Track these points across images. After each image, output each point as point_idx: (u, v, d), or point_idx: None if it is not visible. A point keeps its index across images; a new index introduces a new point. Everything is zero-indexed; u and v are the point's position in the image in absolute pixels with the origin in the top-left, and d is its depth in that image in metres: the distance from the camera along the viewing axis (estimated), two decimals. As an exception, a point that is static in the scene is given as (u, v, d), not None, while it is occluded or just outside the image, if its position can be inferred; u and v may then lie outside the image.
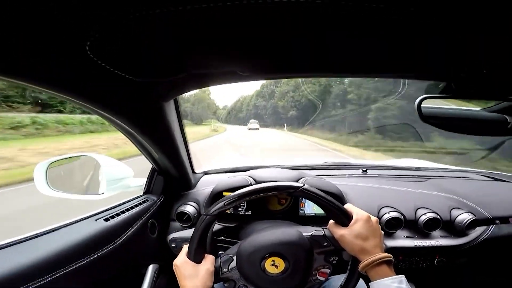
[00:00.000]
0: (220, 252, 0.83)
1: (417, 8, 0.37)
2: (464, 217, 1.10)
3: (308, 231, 0.78)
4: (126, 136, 0.90)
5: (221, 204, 0.74)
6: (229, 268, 0.76)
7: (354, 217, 0.74)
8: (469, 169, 1.65)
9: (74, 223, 0.85)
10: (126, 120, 0.78)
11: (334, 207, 0.74)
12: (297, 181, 1.08)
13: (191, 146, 1.19)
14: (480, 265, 1.28)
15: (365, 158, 8.52)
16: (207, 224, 0.74)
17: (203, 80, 0.74)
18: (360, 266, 0.70)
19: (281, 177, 1.11)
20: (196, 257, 0.75)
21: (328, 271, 0.77)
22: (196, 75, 0.69)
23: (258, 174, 1.15)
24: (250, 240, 0.78)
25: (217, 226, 1.11)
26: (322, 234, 0.77)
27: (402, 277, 0.67)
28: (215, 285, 0.77)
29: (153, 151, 0.99)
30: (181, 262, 0.75)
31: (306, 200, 1.15)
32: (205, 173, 1.45)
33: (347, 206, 0.77)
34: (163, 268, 1.11)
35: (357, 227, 0.72)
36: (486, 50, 0.52)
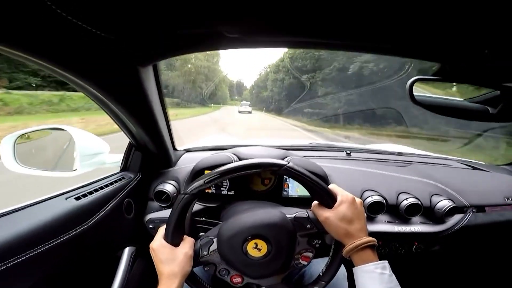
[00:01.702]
0: (201, 234, 0.79)
1: None
2: (444, 203, 1.12)
3: (291, 212, 0.76)
4: (99, 105, 0.83)
5: (200, 182, 0.69)
6: (209, 251, 0.73)
7: (339, 198, 0.71)
8: (449, 156, 1.68)
9: (41, 202, 0.78)
10: (97, 86, 0.70)
11: (319, 187, 0.71)
12: (282, 159, 1.05)
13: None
14: (455, 254, 1.32)
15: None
16: (186, 203, 0.70)
17: (186, 44, 0.67)
18: (345, 250, 0.68)
19: (267, 155, 1.08)
20: (173, 239, 0.71)
21: (311, 255, 0.75)
22: (178, 37, 0.63)
23: (243, 151, 1.11)
24: (231, 222, 0.75)
25: (197, 206, 1.07)
26: (305, 216, 0.74)
27: (385, 263, 0.66)
28: (194, 269, 0.74)
29: (129, 123, 0.92)
30: (158, 245, 0.71)
31: (290, 181, 1.13)
32: (187, 150, 1.40)
33: (331, 187, 0.74)
34: (140, 251, 1.07)
35: (342, 209, 0.70)
36: (495, 26, 0.48)
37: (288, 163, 0.70)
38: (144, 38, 0.62)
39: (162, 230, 0.74)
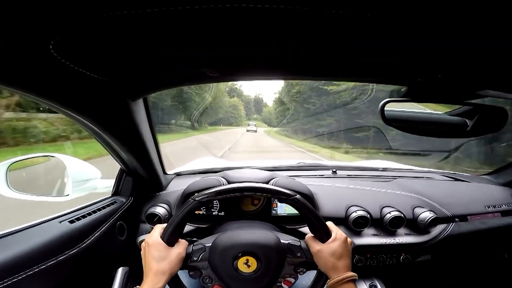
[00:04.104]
0: (194, 239, 0.82)
1: (374, 15, 0.39)
2: (426, 215, 1.16)
3: (286, 239, 0.80)
4: (92, 135, 0.88)
5: (211, 192, 0.74)
6: (200, 257, 0.76)
7: (333, 235, 0.77)
8: (432, 169, 1.73)
9: (36, 225, 0.81)
10: (91, 119, 0.75)
11: (319, 223, 0.76)
12: (268, 181, 1.10)
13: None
14: (440, 263, 1.36)
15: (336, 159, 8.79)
16: (192, 208, 0.74)
17: (172, 80, 0.74)
18: (330, 282, 0.73)
19: (254, 178, 1.12)
20: (170, 239, 0.73)
21: (293, 280, 0.79)
22: (165, 76, 0.69)
23: (231, 174, 1.15)
24: (228, 235, 0.78)
25: (188, 228, 1.10)
26: (298, 244, 0.79)
27: None
28: (178, 273, 0.77)
29: (121, 151, 0.96)
30: (153, 241, 0.73)
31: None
32: (177, 174, 1.43)
33: (329, 224, 0.79)
34: (133, 271, 1.08)
35: (334, 245, 0.75)
36: (441, 55, 0.55)
37: (296, 195, 0.75)
38: (133, 78, 0.69)
39: (159, 228, 0.77)
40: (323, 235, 0.76)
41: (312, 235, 0.79)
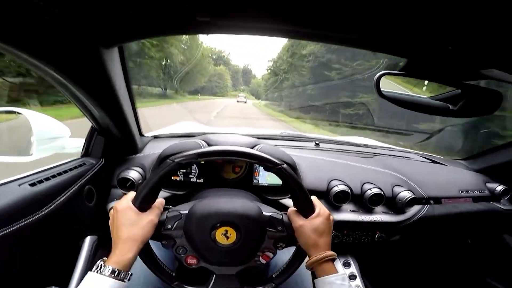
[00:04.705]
0: (169, 206, 0.76)
1: None
2: (404, 194, 1.17)
3: (268, 211, 0.76)
4: (59, 88, 0.78)
5: (192, 154, 0.67)
6: (175, 225, 0.70)
7: (317, 211, 0.73)
8: (410, 150, 1.76)
9: None
10: (55, 67, 0.65)
11: (304, 197, 0.72)
12: (252, 147, 1.04)
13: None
14: (411, 243, 1.40)
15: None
16: (170, 170, 0.67)
17: (155, 26, 0.63)
18: (310, 261, 0.70)
19: (236, 143, 1.08)
20: (142, 204, 0.67)
21: (271, 255, 0.75)
22: (146, 19, 0.59)
23: (213, 138, 1.09)
24: (207, 202, 0.72)
25: (163, 194, 1.05)
26: (280, 218, 0.74)
27: (345, 275, 0.69)
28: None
29: (92, 107, 0.87)
30: (123, 207, 0.67)
31: (261, 170, 1.13)
32: (155, 137, 1.36)
33: (313, 199, 0.76)
34: (102, 240, 1.03)
35: (317, 221, 0.71)
36: (458, 23, 0.50)
37: (283, 164, 0.70)
38: (107, 18, 0.58)
39: (130, 194, 0.70)
40: (306, 209, 0.73)
41: (295, 209, 0.75)
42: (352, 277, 1.21)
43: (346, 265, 1.26)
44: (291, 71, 25.79)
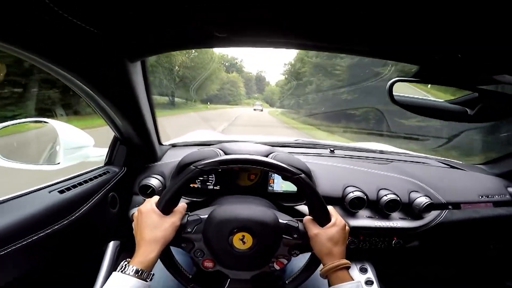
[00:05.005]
0: (188, 213, 0.79)
1: None
2: (421, 200, 1.15)
3: (284, 218, 0.78)
4: (84, 99, 0.83)
5: (215, 161, 0.70)
6: (195, 229, 0.73)
7: (333, 220, 0.75)
8: (428, 155, 1.73)
9: (24, 195, 0.77)
10: (84, 80, 0.70)
11: (321, 206, 0.74)
12: (267, 155, 1.07)
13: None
14: (429, 249, 1.37)
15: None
16: (193, 177, 0.71)
17: (176, 40, 0.68)
18: (324, 269, 0.71)
19: (252, 151, 1.10)
20: (165, 208, 0.70)
21: (285, 262, 0.77)
22: (169, 34, 0.64)
23: (229, 146, 1.12)
24: (225, 208, 0.76)
25: (182, 200, 1.07)
26: (296, 226, 0.76)
27: (359, 283, 0.70)
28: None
29: (115, 117, 0.92)
30: (148, 209, 0.70)
31: (275, 177, 1.15)
32: (173, 145, 1.40)
33: (329, 208, 0.77)
34: (124, 245, 1.07)
35: (332, 230, 0.73)
36: (465, 31, 0.51)
37: (301, 174, 0.72)
38: (133, 34, 0.63)
39: (154, 198, 0.74)
40: (323, 218, 0.74)
41: (311, 217, 0.76)
42: (368, 282, 1.20)
43: (363, 270, 1.24)
44: (316, 73, 23.59)
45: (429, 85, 0.85)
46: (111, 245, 1.02)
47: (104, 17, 0.55)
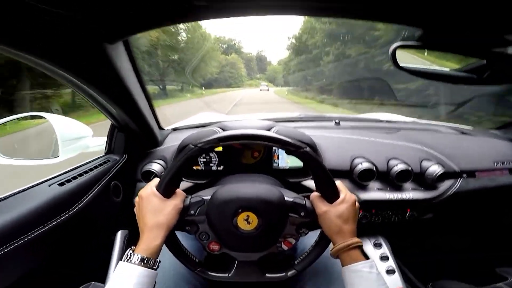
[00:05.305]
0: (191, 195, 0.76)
1: None
2: (434, 169, 1.11)
3: (290, 196, 0.74)
4: (74, 89, 0.79)
5: (214, 138, 0.66)
6: (198, 211, 0.70)
7: (342, 196, 0.70)
8: (437, 122, 1.68)
9: (23, 191, 0.76)
10: (65, 68, 0.66)
11: (328, 181, 0.69)
12: (268, 130, 1.02)
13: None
14: (445, 221, 1.33)
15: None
16: (192, 156, 0.66)
17: (152, 17, 0.62)
18: (335, 248, 0.67)
19: (252, 126, 1.06)
20: (166, 190, 0.67)
21: (294, 241, 0.73)
22: (144, 10, 0.58)
23: (228, 124, 1.09)
24: (228, 188, 0.72)
25: (186, 184, 1.06)
26: (303, 203, 0.72)
27: (373, 262, 0.66)
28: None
29: (107, 104, 0.88)
30: (148, 193, 0.67)
31: (280, 152, 1.11)
32: (174, 129, 1.37)
33: (337, 183, 0.72)
34: (133, 234, 1.06)
35: (342, 207, 0.68)
36: None
37: (306, 147, 0.67)
38: (106, 14, 0.58)
39: (154, 181, 0.70)
40: (331, 194, 0.70)
41: (319, 194, 0.72)
42: (384, 258, 1.16)
43: (377, 246, 1.21)
44: (332, 42, 21.07)
45: (434, 55, 0.80)
46: (119, 235, 1.00)
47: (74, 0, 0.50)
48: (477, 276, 1.35)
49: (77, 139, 1.06)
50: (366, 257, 0.68)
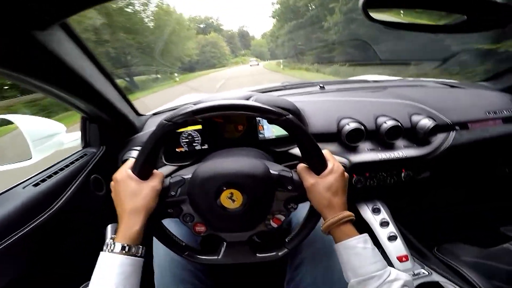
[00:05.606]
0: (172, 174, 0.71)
1: None
2: (425, 122, 1.08)
3: (276, 169, 0.69)
4: (19, 83, 0.70)
5: (188, 111, 0.60)
6: (179, 192, 0.65)
7: (330, 166, 0.65)
8: (425, 79, 1.66)
9: None
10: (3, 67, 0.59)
11: (314, 150, 0.64)
12: (247, 100, 0.97)
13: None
14: (442, 178, 1.31)
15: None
16: (166, 132, 0.61)
17: None
18: (326, 224, 0.63)
19: (229, 98, 0.99)
20: (142, 172, 0.62)
21: (283, 218, 0.69)
22: None
23: (205, 99, 1.01)
24: (209, 165, 0.67)
25: (169, 168, 1.01)
26: (290, 176, 0.67)
27: (366, 236, 0.62)
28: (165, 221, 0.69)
29: (66, 96, 0.80)
30: (123, 176, 0.62)
31: (265, 123, 1.07)
32: (155, 114, 1.31)
33: (325, 152, 0.67)
34: None
35: (330, 178, 0.64)
36: None
37: (288, 115, 0.62)
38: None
39: (129, 162, 0.66)
40: (318, 165, 0.65)
41: (306, 165, 0.67)
42: (384, 224, 1.15)
43: (376, 211, 1.19)
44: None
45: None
46: (109, 228, 0.97)
47: None
48: (471, 229, 1.37)
49: (49, 136, 1.01)
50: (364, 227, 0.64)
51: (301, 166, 0.67)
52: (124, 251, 0.56)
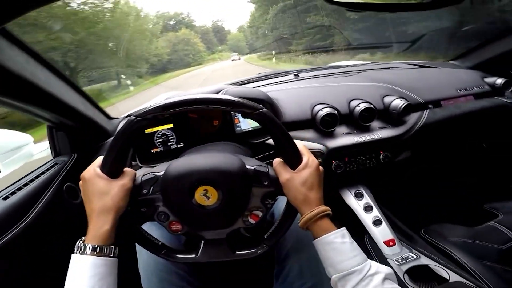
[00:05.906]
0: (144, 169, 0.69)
1: None
2: (397, 102, 1.10)
3: (252, 164, 0.67)
4: None
5: (157, 107, 0.58)
6: (152, 189, 0.63)
7: (305, 160, 0.64)
8: (396, 61, 1.70)
9: None
10: None
11: (288, 143, 0.63)
12: (217, 93, 0.96)
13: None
14: (422, 156, 1.34)
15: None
16: (135, 129, 0.58)
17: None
18: (302, 220, 0.62)
19: (200, 92, 0.99)
20: (111, 170, 0.59)
21: (260, 214, 0.68)
22: None
23: (176, 95, 1.01)
24: (182, 161, 0.65)
25: (146, 170, 0.98)
26: (266, 171, 0.66)
27: (344, 230, 0.61)
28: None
29: (24, 106, 0.76)
30: (91, 175, 0.59)
31: (240, 115, 1.06)
32: (128, 116, 1.27)
33: (300, 146, 0.66)
34: None
35: (305, 173, 0.63)
36: None
37: (262, 108, 0.60)
38: None
39: (98, 160, 0.63)
40: (293, 159, 0.64)
41: (281, 160, 0.66)
42: (368, 208, 1.15)
43: (359, 196, 1.19)
44: None
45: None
46: None
47: None
48: (455, 207, 1.40)
49: (16, 149, 0.96)
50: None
51: (277, 161, 0.67)
52: (95, 252, 0.54)
